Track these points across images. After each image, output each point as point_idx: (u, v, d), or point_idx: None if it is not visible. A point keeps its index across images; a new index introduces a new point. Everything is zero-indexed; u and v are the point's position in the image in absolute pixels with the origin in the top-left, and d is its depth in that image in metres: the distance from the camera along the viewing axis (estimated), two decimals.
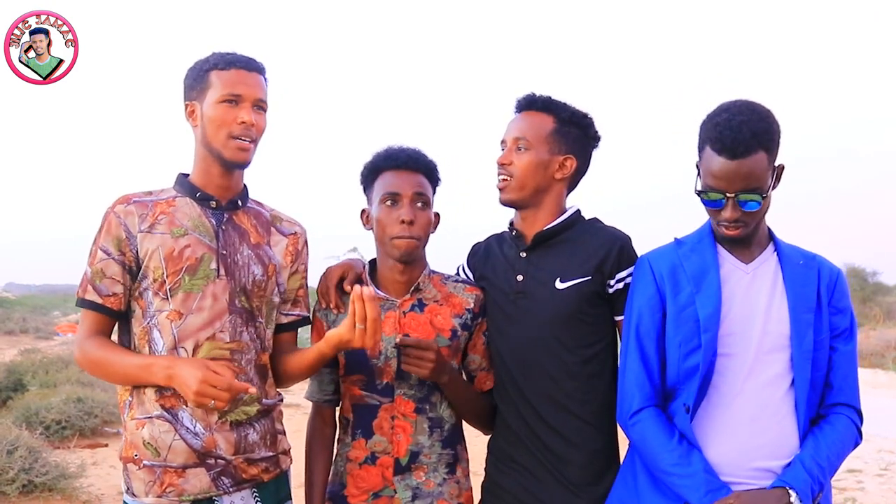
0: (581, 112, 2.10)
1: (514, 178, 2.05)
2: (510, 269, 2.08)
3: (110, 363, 1.87)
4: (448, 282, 2.11)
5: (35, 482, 5.38)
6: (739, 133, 1.73)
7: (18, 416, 7.17)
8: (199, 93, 1.91)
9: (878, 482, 6.39)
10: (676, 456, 1.78)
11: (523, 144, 2.05)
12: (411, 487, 2.00)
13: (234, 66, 1.89)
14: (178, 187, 1.97)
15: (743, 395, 1.80)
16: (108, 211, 1.90)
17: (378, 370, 2.02)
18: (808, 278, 1.85)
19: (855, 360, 1.89)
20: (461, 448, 2.10)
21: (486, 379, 2.14)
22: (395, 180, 2.01)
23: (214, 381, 1.71)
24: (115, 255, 1.87)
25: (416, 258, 2.03)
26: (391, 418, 2.01)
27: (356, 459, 2.03)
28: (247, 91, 1.88)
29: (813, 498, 1.74)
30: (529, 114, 2.09)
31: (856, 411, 1.87)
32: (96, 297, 1.88)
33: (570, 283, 2.01)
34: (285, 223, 2.06)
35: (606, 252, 2.02)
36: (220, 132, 1.88)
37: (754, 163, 1.74)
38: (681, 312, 1.84)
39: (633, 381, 1.88)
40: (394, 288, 2.07)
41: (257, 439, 1.93)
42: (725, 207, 1.78)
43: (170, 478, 1.84)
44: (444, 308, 2.06)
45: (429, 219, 2.04)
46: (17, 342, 17.41)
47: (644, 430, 1.85)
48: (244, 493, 1.92)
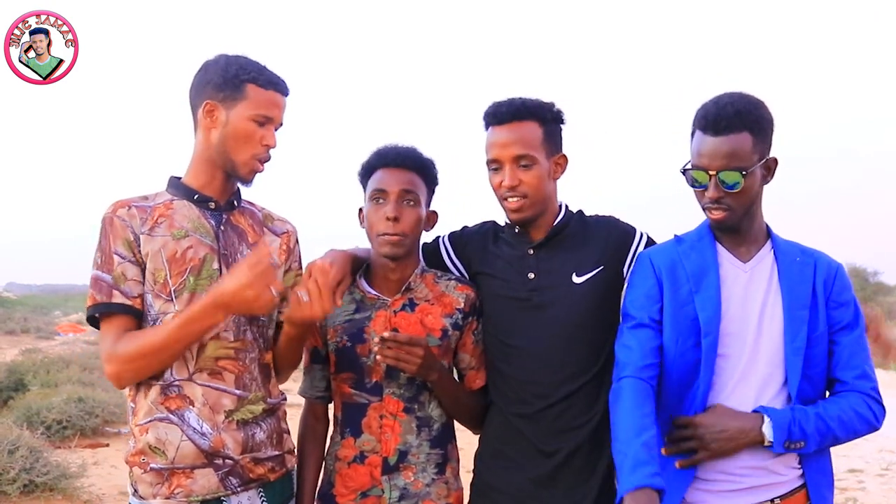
0: (556, 106, 2.06)
1: (530, 198, 1.99)
2: (516, 268, 2.06)
3: (152, 345, 1.79)
4: (441, 280, 2.11)
5: (36, 482, 5.39)
6: (724, 110, 1.77)
7: (19, 415, 7.18)
8: (229, 99, 1.87)
9: (880, 482, 6.39)
10: (629, 430, 1.73)
11: (526, 161, 1.98)
12: (399, 487, 2.00)
13: (274, 89, 1.90)
14: (172, 190, 1.95)
15: (735, 394, 1.80)
16: (109, 217, 1.88)
17: (367, 369, 2.02)
18: (803, 275, 1.85)
19: (865, 348, 1.86)
20: (451, 447, 2.10)
21: (475, 377, 2.13)
22: (383, 178, 2.02)
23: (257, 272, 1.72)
24: (129, 257, 1.85)
25: (403, 255, 2.02)
26: (380, 417, 2.01)
27: (345, 458, 2.03)
28: (277, 115, 1.91)
29: (789, 440, 1.73)
30: (517, 126, 2.00)
31: (870, 396, 1.82)
32: (125, 300, 1.83)
33: (587, 275, 2.01)
34: (277, 222, 2.07)
35: (614, 239, 2.05)
36: (244, 149, 1.88)
37: (737, 141, 1.75)
38: (679, 310, 1.84)
39: (625, 354, 1.86)
40: (386, 286, 2.07)
41: (264, 438, 1.93)
42: (708, 187, 1.79)
43: (178, 479, 1.84)
44: (436, 308, 2.06)
45: (417, 216, 2.02)
46: (19, 342, 17.43)
47: (617, 394, 1.82)
48: (251, 493, 1.92)
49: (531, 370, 2.01)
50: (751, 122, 1.77)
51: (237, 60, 1.90)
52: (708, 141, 1.78)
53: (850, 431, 1.81)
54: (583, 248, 2.05)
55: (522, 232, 2.07)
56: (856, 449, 7.18)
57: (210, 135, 1.90)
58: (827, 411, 1.78)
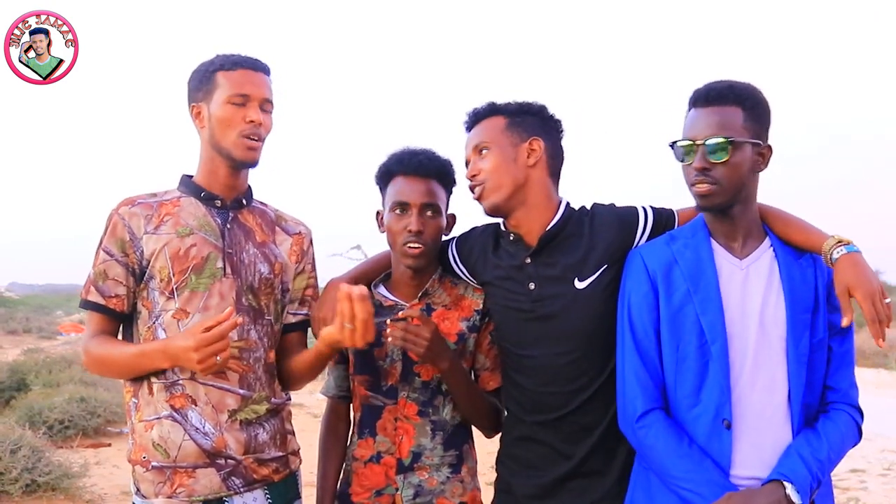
0: (528, 101, 2.03)
1: (488, 181, 1.96)
2: (516, 278, 1.99)
3: (112, 357, 1.88)
4: (458, 283, 2.11)
5: (38, 482, 5.40)
6: (716, 84, 1.77)
7: (22, 415, 7.19)
8: (206, 94, 1.91)
9: (881, 482, 6.39)
10: (689, 463, 1.73)
11: (483, 146, 1.98)
12: (413, 485, 2.00)
13: (241, 67, 1.90)
14: (182, 188, 1.97)
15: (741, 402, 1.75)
16: (112, 213, 1.91)
17: (384, 372, 2.03)
18: (805, 275, 1.79)
19: (852, 359, 1.84)
20: (467, 448, 2.09)
21: (490, 378, 2.12)
22: (405, 188, 2.01)
23: (207, 340, 1.71)
24: (118, 256, 1.88)
25: (425, 266, 2.04)
26: (394, 420, 2.02)
27: (361, 458, 2.04)
28: (254, 91, 1.89)
29: (811, 492, 1.69)
30: (478, 125, 2.02)
31: (856, 409, 1.82)
32: (99, 298, 1.89)
33: (591, 278, 1.92)
34: (290, 223, 2.06)
35: (616, 230, 1.96)
36: (229, 132, 1.88)
37: (726, 112, 1.73)
38: (677, 313, 1.79)
39: (634, 382, 1.82)
40: (405, 291, 2.08)
41: (267, 439, 1.92)
42: (695, 156, 1.74)
43: (180, 478, 1.84)
44: (453, 312, 2.06)
45: (438, 226, 2.03)
46: (21, 342, 17.48)
47: (653, 435, 1.78)
48: (256, 494, 1.91)
49: (545, 382, 1.96)
50: (742, 97, 1.74)
51: (210, 59, 1.93)
52: (698, 112, 1.76)
53: (842, 454, 1.80)
54: (584, 248, 1.95)
55: (517, 238, 2.01)
56: (858, 449, 7.11)
57: (203, 134, 1.93)
58: (831, 444, 1.73)
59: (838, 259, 1.73)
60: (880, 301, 1.68)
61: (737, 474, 1.74)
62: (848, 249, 1.73)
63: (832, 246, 1.74)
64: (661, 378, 1.82)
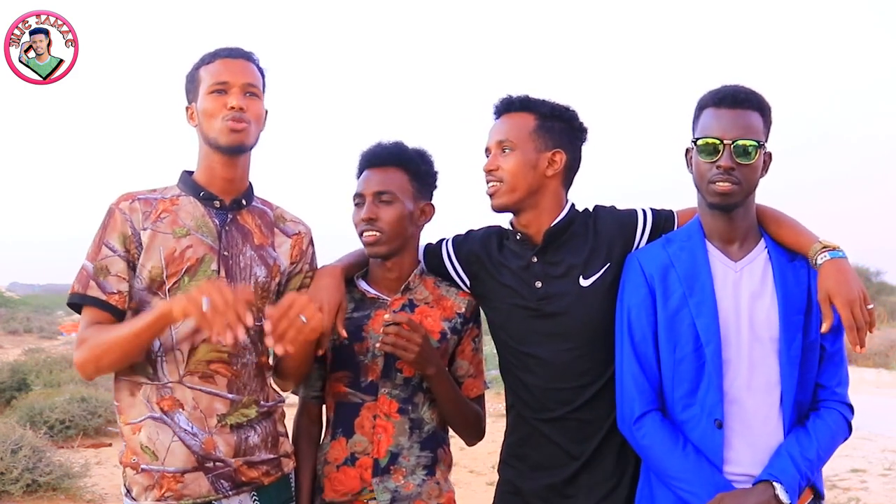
0: (562, 105, 2.04)
1: (505, 182, 1.97)
2: (522, 277, 2.01)
3: (107, 341, 1.78)
4: (441, 285, 2.10)
5: (39, 482, 5.40)
6: (738, 89, 1.82)
7: (22, 415, 7.20)
8: (193, 93, 1.92)
9: (882, 482, 6.38)
10: (685, 462, 1.76)
11: (508, 146, 1.98)
12: (390, 490, 1.97)
13: (218, 57, 1.90)
14: (181, 185, 1.94)
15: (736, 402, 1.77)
16: (112, 207, 1.88)
17: (364, 367, 2.01)
18: (799, 277, 1.81)
19: (843, 358, 1.85)
20: (442, 451, 2.07)
21: (473, 385, 2.11)
22: (361, 181, 2.06)
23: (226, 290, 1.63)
24: (120, 252, 1.84)
25: (388, 252, 2.02)
26: (373, 417, 1.99)
27: (334, 461, 2.00)
28: (232, 77, 1.87)
29: (800, 491, 1.72)
30: (509, 116, 2.03)
31: (846, 405, 1.84)
32: (100, 294, 1.82)
33: (595, 276, 1.96)
34: (289, 223, 2.03)
35: (617, 230, 2.00)
36: (213, 121, 1.86)
37: (752, 116, 1.79)
38: (674, 316, 1.82)
39: (631, 385, 1.85)
40: (385, 286, 2.07)
41: (258, 442, 1.89)
42: (722, 155, 1.76)
43: (168, 482, 1.81)
44: (435, 311, 2.05)
45: (395, 213, 2.00)
46: (21, 342, 17.48)
47: (650, 436, 1.82)
48: (243, 497, 1.88)
49: (551, 378, 1.97)
50: (761, 105, 1.82)
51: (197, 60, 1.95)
52: (724, 113, 1.79)
53: (832, 452, 1.82)
54: (588, 248, 1.99)
55: (524, 238, 2.03)
56: (858, 449, 7.18)
57: (197, 132, 1.93)
58: (820, 443, 1.76)
59: (822, 265, 1.76)
60: (860, 308, 1.71)
61: (731, 471, 1.77)
62: (832, 255, 1.76)
63: (817, 251, 1.78)
64: (658, 381, 1.86)
